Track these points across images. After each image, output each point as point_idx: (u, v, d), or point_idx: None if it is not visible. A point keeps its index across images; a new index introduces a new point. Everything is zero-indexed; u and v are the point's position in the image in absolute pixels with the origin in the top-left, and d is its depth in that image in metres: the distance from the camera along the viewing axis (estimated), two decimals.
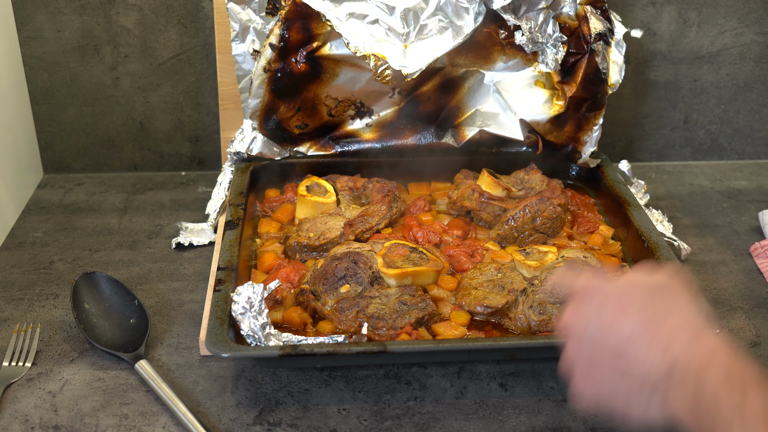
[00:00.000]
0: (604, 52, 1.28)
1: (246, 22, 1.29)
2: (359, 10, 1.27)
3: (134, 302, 1.10)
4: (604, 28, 1.28)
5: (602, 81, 1.28)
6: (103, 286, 1.12)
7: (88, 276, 1.11)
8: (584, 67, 1.28)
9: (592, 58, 1.28)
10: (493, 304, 1.06)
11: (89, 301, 1.09)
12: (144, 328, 1.07)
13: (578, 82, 1.29)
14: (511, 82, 1.34)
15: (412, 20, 1.27)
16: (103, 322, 1.08)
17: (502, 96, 1.34)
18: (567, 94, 1.31)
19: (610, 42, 1.29)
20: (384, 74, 1.25)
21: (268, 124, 1.34)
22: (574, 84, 1.29)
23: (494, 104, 1.35)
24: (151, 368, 1.00)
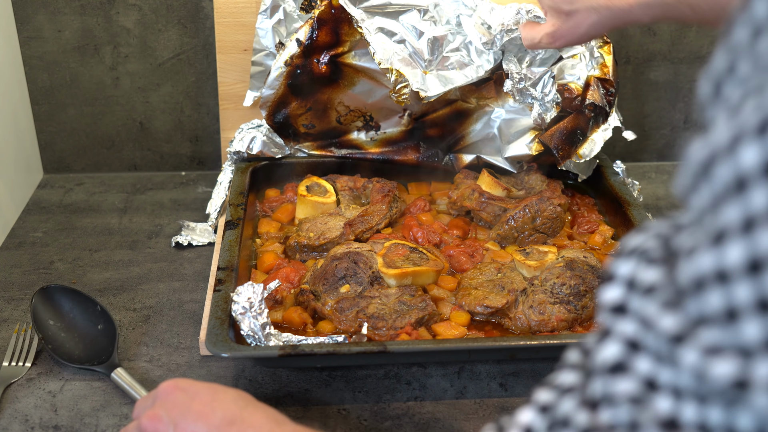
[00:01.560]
0: (591, 123, 1.29)
1: (278, 0, 1.30)
2: (389, 27, 1.31)
3: (97, 308, 1.07)
4: (601, 104, 1.28)
5: (574, 143, 1.28)
6: (62, 299, 1.07)
7: (44, 291, 1.07)
8: (565, 122, 1.29)
9: (578, 118, 1.28)
10: (493, 304, 1.06)
11: (53, 317, 1.06)
12: (112, 332, 1.04)
13: (553, 132, 1.29)
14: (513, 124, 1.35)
15: (436, 49, 1.30)
16: (71, 335, 1.04)
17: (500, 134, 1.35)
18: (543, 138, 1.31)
19: (599, 122, 1.30)
20: (402, 92, 1.27)
21: (277, 117, 1.34)
22: (549, 134, 1.29)
23: (495, 138, 1.36)
24: (128, 375, 0.98)
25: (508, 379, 1.01)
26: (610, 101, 1.31)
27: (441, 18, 1.33)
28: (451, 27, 1.33)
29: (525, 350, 1.01)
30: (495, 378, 1.02)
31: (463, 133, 1.37)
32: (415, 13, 1.32)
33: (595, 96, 1.29)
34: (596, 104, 1.29)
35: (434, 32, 1.32)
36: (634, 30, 1.48)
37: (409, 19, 1.32)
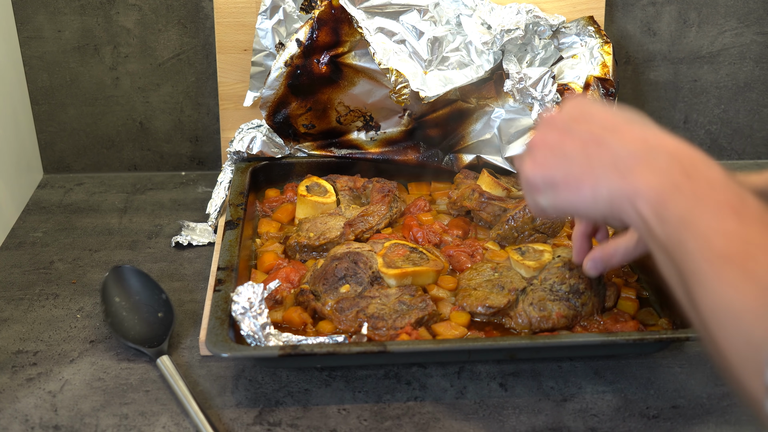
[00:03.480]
0: None
1: (278, 0, 1.30)
2: (389, 27, 1.31)
3: (162, 296, 1.11)
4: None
5: None
6: (132, 280, 1.13)
7: (118, 269, 1.13)
8: None
9: None
10: (495, 304, 1.06)
11: (119, 295, 1.11)
12: (170, 323, 1.08)
13: None
14: (513, 124, 1.35)
15: (436, 49, 1.30)
16: (131, 315, 1.09)
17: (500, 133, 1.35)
18: None
19: None
20: (402, 92, 1.27)
21: (276, 117, 1.34)
22: None
23: (494, 139, 1.36)
24: (171, 365, 1.00)
25: (508, 379, 1.01)
26: (610, 101, 1.31)
27: (441, 18, 1.34)
28: (451, 27, 1.34)
29: (525, 350, 1.01)
30: (495, 378, 1.02)
31: (463, 133, 1.37)
32: (415, 13, 1.32)
33: (596, 96, 1.29)
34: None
35: (434, 32, 1.32)
36: (634, 30, 1.48)
37: (409, 19, 1.33)
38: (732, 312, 0.55)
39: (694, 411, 0.97)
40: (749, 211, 0.59)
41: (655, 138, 0.68)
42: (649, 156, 0.67)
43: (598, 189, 0.70)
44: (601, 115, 0.73)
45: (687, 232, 0.60)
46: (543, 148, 0.75)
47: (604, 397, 0.99)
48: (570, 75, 1.32)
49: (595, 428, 0.94)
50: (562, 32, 1.35)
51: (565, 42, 1.35)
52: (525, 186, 0.78)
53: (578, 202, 0.72)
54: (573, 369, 1.03)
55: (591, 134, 0.71)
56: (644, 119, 0.72)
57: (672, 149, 0.66)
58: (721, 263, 0.57)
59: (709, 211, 0.60)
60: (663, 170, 0.65)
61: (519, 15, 1.31)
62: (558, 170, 0.73)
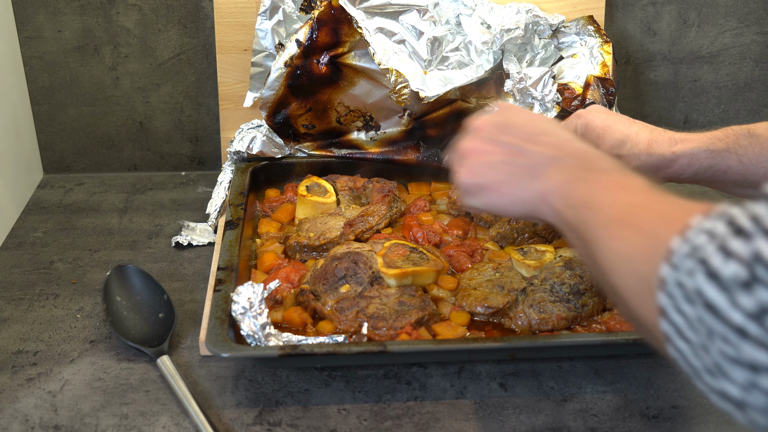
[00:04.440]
0: None
1: (278, 1, 1.30)
2: (389, 27, 1.32)
3: (164, 296, 1.11)
4: (601, 103, 1.29)
5: None
6: (134, 280, 1.13)
7: (121, 269, 1.13)
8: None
9: None
10: (494, 305, 1.06)
11: (121, 294, 1.11)
12: (170, 323, 1.08)
13: None
14: None
15: (436, 49, 1.30)
16: (132, 315, 1.09)
17: None
18: None
19: None
20: (402, 92, 1.27)
21: (277, 118, 1.34)
22: None
23: None
24: (171, 365, 1.00)
25: (508, 379, 1.01)
26: (610, 101, 1.31)
27: (440, 18, 1.34)
28: (450, 27, 1.34)
29: (525, 350, 1.01)
30: (495, 378, 1.02)
31: None
32: (415, 13, 1.32)
33: (596, 95, 1.29)
34: (596, 104, 1.29)
35: (434, 32, 1.32)
36: (634, 30, 1.48)
37: (408, 19, 1.33)
38: (626, 258, 0.66)
39: (694, 411, 0.97)
40: (635, 185, 0.72)
41: (564, 144, 0.83)
42: (558, 160, 0.81)
43: (519, 193, 0.83)
44: (521, 126, 0.87)
45: (588, 210, 0.73)
46: (473, 156, 0.88)
47: (604, 397, 0.99)
48: (570, 75, 1.32)
49: (595, 428, 0.94)
50: (561, 32, 1.35)
51: (564, 41, 1.35)
52: (459, 189, 0.90)
53: (503, 204, 0.85)
54: (573, 369, 1.03)
55: (512, 145, 0.85)
56: (559, 127, 0.86)
57: (577, 151, 0.81)
58: (614, 225, 0.69)
59: (602, 190, 0.73)
60: (568, 168, 0.79)
61: (519, 14, 1.31)
62: (486, 177, 0.86)
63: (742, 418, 0.56)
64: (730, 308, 0.53)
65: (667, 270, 0.59)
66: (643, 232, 0.65)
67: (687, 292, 0.57)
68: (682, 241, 0.58)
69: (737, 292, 0.53)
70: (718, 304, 0.54)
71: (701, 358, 0.57)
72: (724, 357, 0.55)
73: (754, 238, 0.53)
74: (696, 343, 0.57)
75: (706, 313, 0.55)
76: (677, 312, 0.58)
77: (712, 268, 0.55)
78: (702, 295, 0.55)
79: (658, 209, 0.68)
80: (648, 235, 0.65)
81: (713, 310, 0.55)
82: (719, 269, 0.54)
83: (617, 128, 1.03)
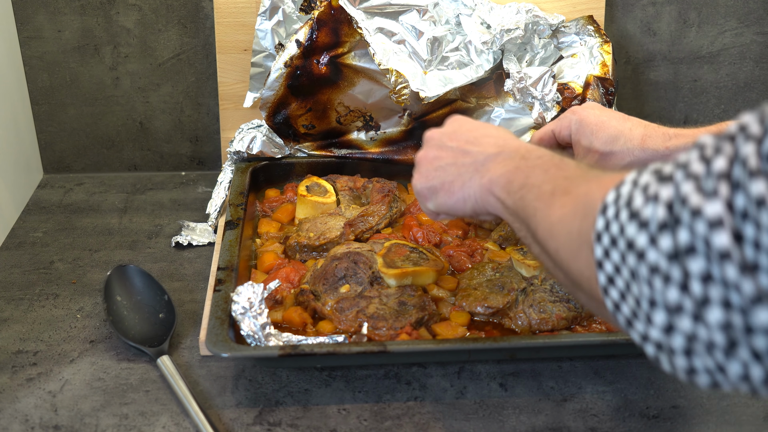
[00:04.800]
0: None
1: (277, 1, 1.30)
2: (389, 27, 1.31)
3: (164, 297, 1.11)
4: (601, 103, 1.29)
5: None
6: (135, 280, 1.13)
7: (122, 269, 1.13)
8: None
9: None
10: (494, 305, 1.06)
11: (121, 294, 1.11)
12: (171, 324, 1.08)
13: None
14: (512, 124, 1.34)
15: (436, 49, 1.30)
16: (132, 315, 1.09)
17: None
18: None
19: None
20: (402, 92, 1.27)
21: (276, 118, 1.34)
22: None
23: None
24: (171, 365, 1.00)
25: (508, 379, 1.01)
26: (609, 100, 1.31)
27: (440, 18, 1.33)
28: (450, 27, 1.33)
29: (525, 350, 1.01)
30: (495, 378, 1.02)
31: None
32: (415, 13, 1.32)
33: (595, 95, 1.29)
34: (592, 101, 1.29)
35: (434, 32, 1.32)
36: (634, 30, 1.48)
37: (408, 20, 1.33)
38: (561, 220, 0.69)
39: (694, 411, 0.97)
40: (567, 165, 0.77)
41: (504, 141, 0.87)
42: (498, 155, 0.85)
43: (466, 189, 0.86)
44: (467, 129, 0.91)
45: (526, 191, 0.77)
46: (425, 162, 0.92)
47: (604, 397, 0.99)
48: (570, 74, 1.32)
49: (595, 428, 0.94)
50: (561, 31, 1.35)
51: (564, 41, 1.35)
52: (415, 194, 0.94)
53: (453, 203, 0.88)
54: (573, 369, 1.03)
55: (458, 147, 0.89)
56: (502, 131, 0.90)
57: (515, 146, 0.85)
58: (550, 197, 0.72)
59: (538, 172, 0.77)
60: (508, 159, 0.83)
61: (518, 14, 1.31)
62: (436, 179, 0.90)
63: (667, 365, 0.57)
64: (649, 247, 0.54)
65: (600, 221, 0.61)
66: (575, 196, 0.69)
67: (612, 235, 0.58)
68: (614, 192, 0.61)
69: (656, 232, 0.54)
70: (637, 243, 0.55)
71: (628, 303, 0.58)
72: (644, 299, 0.56)
73: (679, 182, 0.53)
74: (622, 288, 0.58)
75: (628, 253, 0.57)
76: (607, 258, 0.60)
77: (634, 209, 0.57)
78: (625, 235, 0.57)
79: (589, 179, 0.71)
80: (580, 197, 0.68)
81: (634, 249, 0.56)
82: (640, 209, 0.56)
83: (611, 124, 1.04)
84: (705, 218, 0.50)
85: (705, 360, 0.53)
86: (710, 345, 0.52)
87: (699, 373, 0.54)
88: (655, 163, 0.60)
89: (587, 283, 0.65)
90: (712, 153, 0.52)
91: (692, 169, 0.53)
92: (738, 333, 0.50)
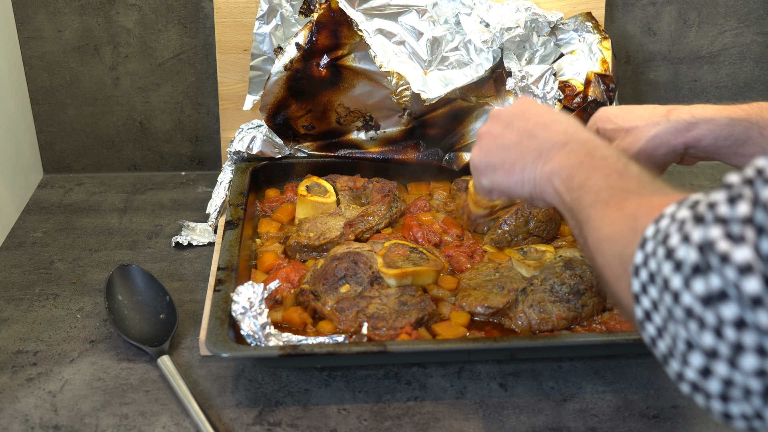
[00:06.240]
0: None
1: (276, 5, 1.30)
2: (388, 29, 1.31)
3: (166, 298, 1.11)
4: (602, 100, 1.29)
5: None
6: (137, 280, 1.13)
7: (124, 268, 1.13)
8: None
9: (580, 116, 1.28)
10: (494, 305, 1.06)
11: (123, 293, 1.11)
12: (172, 324, 1.08)
13: None
14: None
15: (436, 49, 1.30)
16: (133, 314, 1.09)
17: None
18: None
19: None
20: (402, 94, 1.27)
21: (276, 119, 1.34)
22: None
23: None
24: (171, 364, 1.00)
25: (508, 379, 1.01)
26: (610, 96, 1.31)
27: (440, 18, 1.33)
28: (449, 26, 1.33)
29: (525, 350, 1.01)
30: (495, 378, 1.02)
31: (463, 132, 1.37)
32: (414, 13, 1.32)
33: (597, 92, 1.29)
34: (598, 100, 1.29)
35: (433, 32, 1.32)
36: (634, 30, 1.48)
37: (407, 20, 1.33)
38: (609, 239, 0.68)
39: (694, 411, 0.97)
40: (630, 173, 0.75)
41: (573, 131, 0.84)
42: (565, 145, 0.82)
43: (526, 173, 0.85)
44: (537, 113, 0.88)
45: (584, 193, 0.75)
46: (488, 138, 0.90)
47: (604, 397, 0.99)
48: (570, 71, 1.32)
49: (595, 428, 0.94)
50: (560, 29, 1.35)
51: (563, 38, 1.35)
52: (471, 168, 0.93)
53: (510, 183, 0.87)
54: (573, 369, 1.03)
55: (526, 129, 0.87)
56: (571, 119, 0.87)
57: (583, 139, 0.83)
58: (604, 207, 0.71)
59: (600, 175, 0.76)
60: (573, 153, 0.81)
61: (518, 12, 1.31)
62: (497, 157, 0.88)
63: (703, 404, 0.56)
64: (683, 290, 0.54)
65: (639, 255, 0.60)
66: (625, 215, 0.68)
67: (651, 271, 0.58)
68: (653, 226, 0.60)
69: (690, 275, 0.54)
70: (673, 284, 0.55)
71: (665, 340, 0.58)
72: (680, 339, 0.55)
73: (708, 224, 0.53)
74: (660, 324, 0.58)
75: (665, 292, 0.56)
76: (645, 294, 0.59)
77: (670, 247, 0.56)
78: (661, 273, 0.57)
79: (644, 195, 0.69)
80: (629, 218, 0.67)
81: (669, 289, 0.56)
82: (675, 248, 0.56)
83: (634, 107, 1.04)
84: (734, 264, 0.50)
85: (742, 406, 0.53)
86: (747, 391, 0.51)
87: (735, 419, 0.54)
88: (695, 194, 0.60)
89: (628, 308, 0.64)
90: (735, 195, 0.52)
91: (720, 212, 0.52)
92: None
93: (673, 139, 0.99)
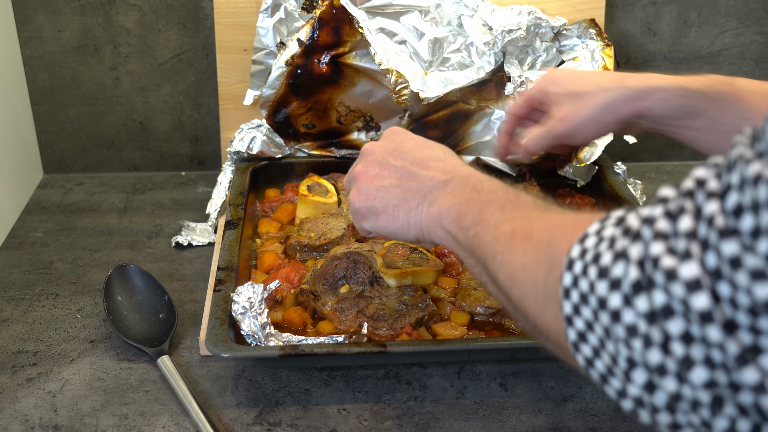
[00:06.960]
0: None
1: None
2: (390, 28, 1.31)
3: (165, 297, 1.11)
4: None
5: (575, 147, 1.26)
6: (136, 280, 1.13)
7: (122, 268, 1.13)
8: None
9: None
10: (494, 305, 1.06)
11: (122, 294, 1.11)
12: (171, 324, 1.08)
13: None
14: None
15: (437, 50, 1.30)
16: (132, 314, 1.09)
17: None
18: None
19: None
20: (402, 93, 1.27)
21: (277, 117, 1.34)
22: None
23: (495, 141, 1.36)
24: (171, 364, 1.00)
25: (508, 379, 1.01)
26: None
27: (442, 19, 1.33)
28: (452, 28, 1.33)
29: (525, 350, 1.01)
30: (495, 378, 1.02)
31: (464, 135, 1.37)
32: (416, 13, 1.32)
33: None
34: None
35: (435, 33, 1.32)
36: (634, 30, 1.48)
37: (410, 20, 1.33)
38: (524, 269, 0.66)
39: None
40: (524, 202, 0.74)
41: (452, 167, 0.83)
42: (447, 183, 0.81)
43: (411, 217, 0.82)
44: (411, 148, 0.87)
45: (481, 229, 0.73)
46: (365, 179, 0.87)
47: (604, 397, 0.99)
48: None
49: (595, 428, 0.94)
50: (563, 34, 1.35)
51: (566, 44, 1.35)
52: (352, 212, 0.89)
53: (395, 228, 0.84)
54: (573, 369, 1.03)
55: (403, 168, 0.85)
56: (449, 153, 0.86)
57: (464, 174, 0.81)
58: (509, 239, 0.69)
59: (493, 208, 0.74)
60: (458, 190, 0.79)
61: (520, 16, 1.31)
62: (378, 201, 0.85)
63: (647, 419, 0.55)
64: (624, 308, 0.53)
65: (567, 277, 0.58)
66: (537, 242, 0.65)
67: (582, 292, 0.56)
68: (579, 246, 0.58)
69: (631, 292, 0.52)
70: (611, 303, 0.53)
71: (602, 359, 0.56)
72: (621, 357, 0.54)
73: (647, 240, 0.51)
74: (596, 344, 0.56)
75: (601, 311, 0.54)
76: (577, 315, 0.57)
77: (602, 266, 0.55)
78: (595, 293, 0.55)
79: (551, 221, 0.67)
80: (543, 244, 0.64)
81: (607, 309, 0.54)
82: (609, 267, 0.54)
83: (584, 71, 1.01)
84: (682, 280, 0.48)
85: (690, 417, 0.51)
86: (695, 403, 0.50)
87: (683, 428, 0.53)
88: (616, 211, 0.58)
89: (555, 335, 0.62)
90: (676, 210, 0.50)
91: (659, 227, 0.51)
92: (723, 390, 0.49)
93: (625, 107, 0.96)
